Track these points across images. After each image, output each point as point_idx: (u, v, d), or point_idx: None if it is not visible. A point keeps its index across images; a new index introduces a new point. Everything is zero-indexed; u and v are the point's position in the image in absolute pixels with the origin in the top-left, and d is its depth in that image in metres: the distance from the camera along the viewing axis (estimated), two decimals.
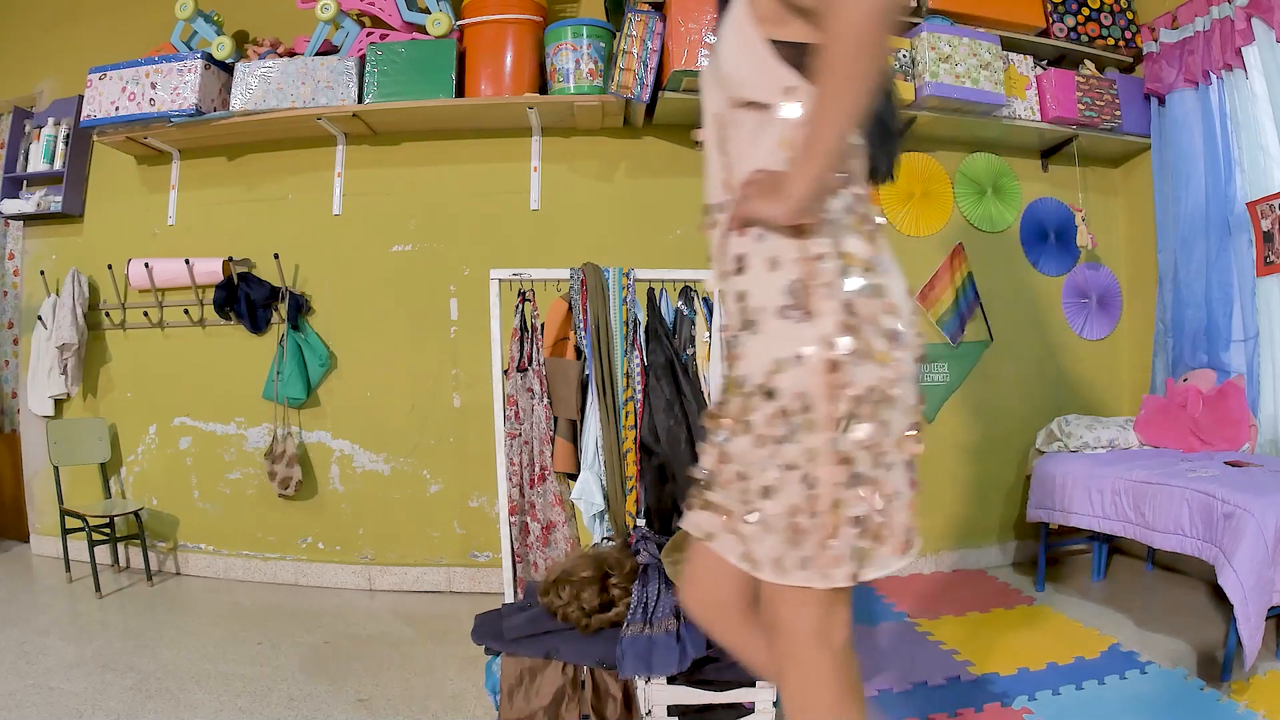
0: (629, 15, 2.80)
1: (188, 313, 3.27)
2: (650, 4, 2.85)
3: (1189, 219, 3.05)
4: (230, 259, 3.22)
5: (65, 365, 3.29)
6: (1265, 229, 2.78)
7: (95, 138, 3.28)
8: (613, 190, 3.19)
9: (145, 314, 3.33)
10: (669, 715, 1.72)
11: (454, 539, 3.13)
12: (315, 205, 3.24)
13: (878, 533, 0.97)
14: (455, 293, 3.16)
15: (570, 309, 2.17)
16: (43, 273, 3.40)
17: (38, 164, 3.41)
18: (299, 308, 3.18)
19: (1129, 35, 3.30)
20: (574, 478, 2.14)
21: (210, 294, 3.20)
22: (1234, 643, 2.02)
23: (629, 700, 1.73)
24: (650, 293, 2.20)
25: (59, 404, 3.43)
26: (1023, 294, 3.39)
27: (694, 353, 2.16)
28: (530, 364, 2.13)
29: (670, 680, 1.70)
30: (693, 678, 1.69)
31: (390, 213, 3.21)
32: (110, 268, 3.32)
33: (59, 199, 3.36)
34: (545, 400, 2.12)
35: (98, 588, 2.94)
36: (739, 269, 1.05)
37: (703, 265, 1.39)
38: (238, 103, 3.03)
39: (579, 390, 2.13)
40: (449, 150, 3.20)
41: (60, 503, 3.14)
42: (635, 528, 2.06)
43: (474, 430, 3.09)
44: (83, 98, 3.16)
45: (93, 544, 2.94)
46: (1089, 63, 3.30)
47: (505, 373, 2.15)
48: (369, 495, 3.18)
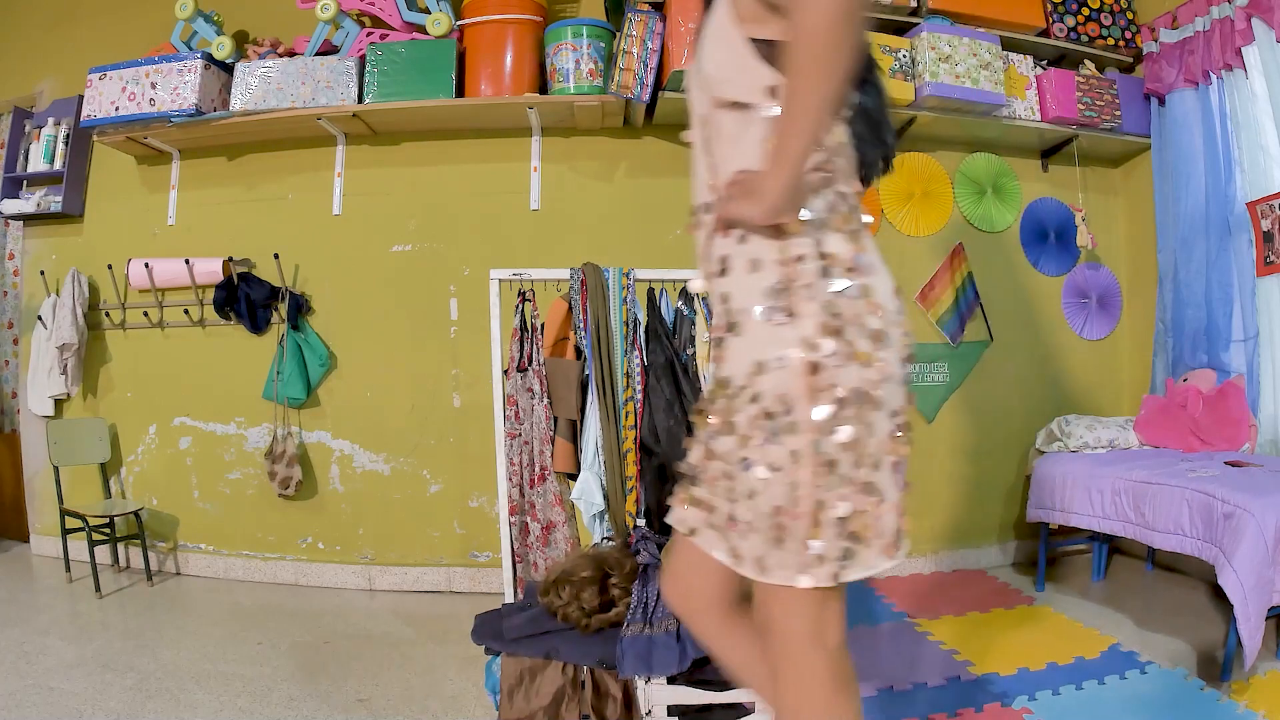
0: (629, 15, 2.80)
1: (188, 313, 3.27)
2: (650, 4, 2.85)
3: (1189, 219, 3.05)
4: (230, 259, 3.22)
5: (65, 365, 3.29)
6: (1265, 229, 2.78)
7: (95, 138, 3.28)
8: (613, 190, 3.19)
9: (145, 314, 3.33)
10: (669, 715, 1.72)
11: (454, 539, 3.14)
12: (315, 205, 3.24)
13: (861, 534, 0.97)
14: (455, 293, 3.17)
15: (570, 309, 2.17)
16: (43, 273, 3.40)
17: (38, 164, 3.41)
18: (299, 308, 3.18)
19: (1129, 35, 3.30)
20: (574, 478, 2.14)
21: (210, 294, 3.21)
22: (1234, 643, 2.02)
23: (629, 700, 1.73)
24: (650, 293, 2.20)
25: (59, 404, 3.43)
26: (1023, 294, 3.39)
27: (694, 353, 2.16)
28: (530, 364, 2.13)
29: (670, 680, 1.70)
30: (693, 678, 1.69)
31: (390, 213, 3.21)
32: (110, 268, 3.32)
33: (59, 199, 3.36)
34: (545, 400, 2.12)
35: (98, 588, 2.94)
36: (722, 270, 1.05)
37: None
38: (238, 103, 3.03)
39: (579, 390, 2.13)
40: (449, 150, 3.20)
41: (60, 503, 3.14)
42: (635, 528, 2.06)
43: (474, 430, 3.09)
44: (83, 98, 3.16)
45: (93, 544, 2.94)
46: (1089, 63, 3.30)
47: (505, 373, 2.15)
48: (369, 495, 3.18)
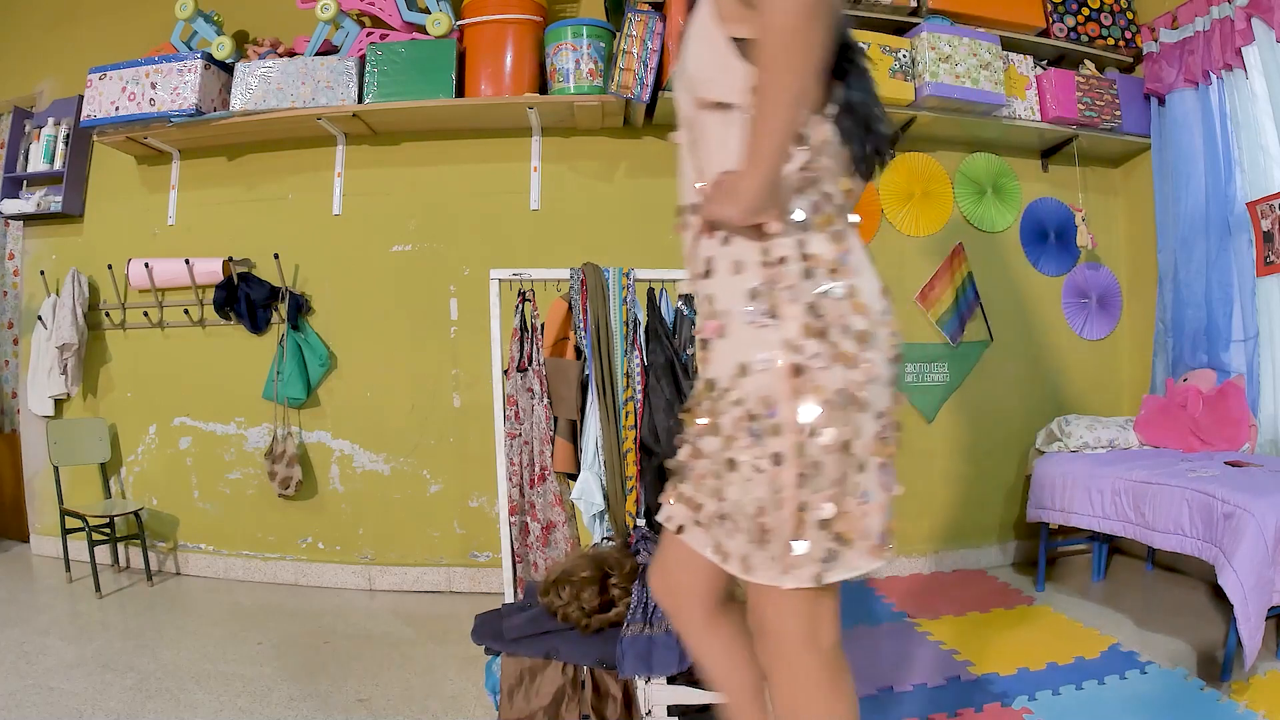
0: (629, 15, 2.80)
1: (188, 313, 3.27)
2: (650, 4, 2.85)
3: (1189, 219, 3.05)
4: (230, 259, 3.22)
5: (65, 365, 3.29)
6: (1265, 229, 2.78)
7: (95, 138, 3.28)
8: (613, 190, 3.19)
9: (145, 314, 3.33)
10: (669, 715, 1.72)
11: (454, 539, 3.13)
12: (315, 205, 3.24)
13: (846, 535, 0.96)
14: (455, 293, 3.17)
15: (570, 309, 2.17)
16: (43, 273, 3.40)
17: (38, 164, 3.41)
18: (299, 308, 3.18)
19: (1129, 35, 3.30)
20: (574, 478, 2.14)
21: (210, 294, 3.21)
22: (1234, 643, 2.02)
23: (629, 700, 1.73)
24: (650, 293, 2.20)
25: (59, 404, 3.43)
26: (1023, 294, 3.39)
27: (694, 353, 2.16)
28: (530, 364, 2.13)
29: (670, 680, 1.70)
30: (693, 678, 1.69)
31: (390, 213, 3.21)
32: (110, 268, 3.32)
33: (59, 199, 3.36)
34: (545, 400, 2.12)
35: (98, 588, 2.94)
36: (707, 272, 1.05)
37: None
38: (238, 103, 3.03)
39: (579, 390, 2.13)
40: (449, 150, 3.20)
41: (60, 503, 3.14)
42: (635, 528, 2.06)
43: (474, 430, 3.09)
44: (83, 98, 3.16)
45: (93, 544, 2.94)
46: (1089, 63, 3.30)
47: (505, 373, 2.15)
48: (369, 495, 3.18)
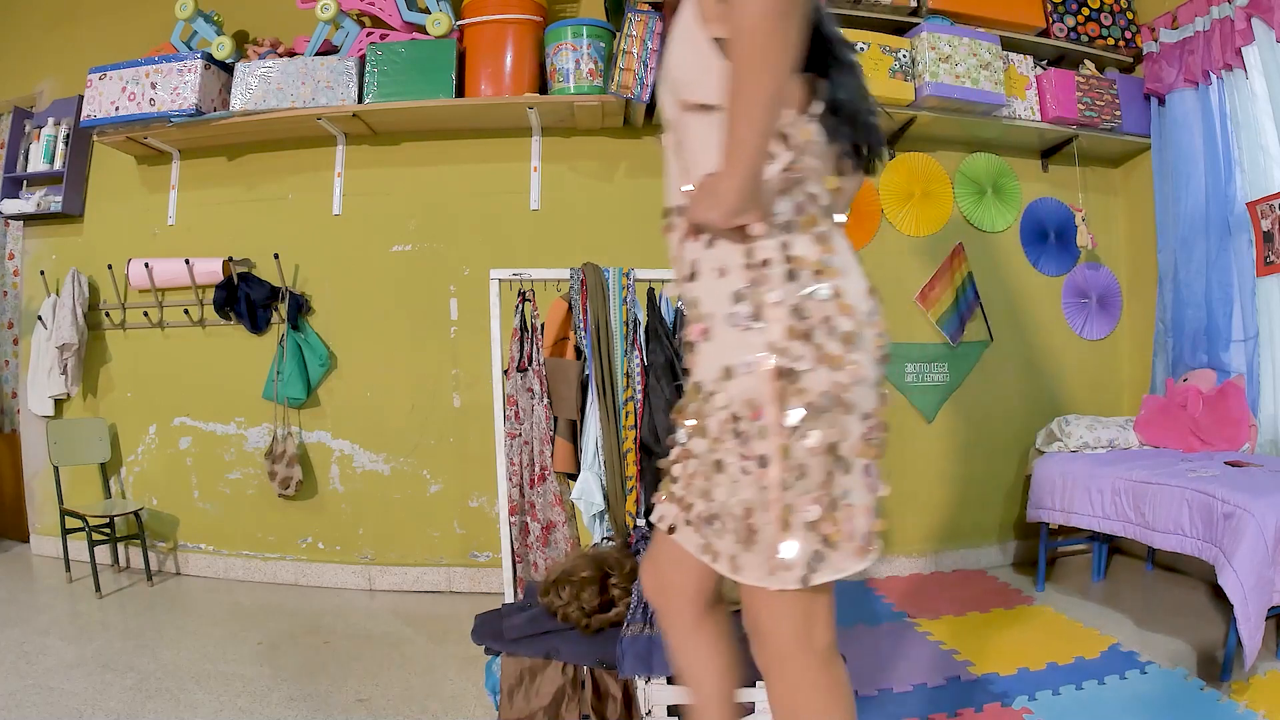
0: (629, 15, 2.80)
1: (188, 313, 3.27)
2: (650, 4, 2.85)
3: (1189, 219, 3.05)
4: (230, 259, 3.22)
5: (65, 365, 3.29)
6: (1265, 229, 2.78)
7: (95, 138, 3.28)
8: (613, 190, 3.19)
9: (145, 314, 3.33)
10: (669, 715, 1.72)
11: (454, 539, 3.13)
12: (315, 205, 3.24)
13: (832, 537, 0.96)
14: (455, 293, 3.16)
15: (570, 309, 2.17)
16: (43, 273, 3.40)
17: (38, 164, 3.41)
18: (299, 308, 3.18)
19: (1129, 35, 3.30)
20: (574, 478, 2.14)
21: (210, 294, 3.21)
22: (1234, 643, 2.02)
23: (629, 700, 1.73)
24: (650, 293, 2.20)
25: (59, 404, 3.43)
26: (1023, 294, 3.39)
27: None
28: (530, 364, 2.13)
29: (670, 680, 1.70)
30: None
31: (390, 213, 3.21)
32: (110, 268, 3.32)
33: (59, 199, 3.36)
34: (545, 400, 2.12)
35: (98, 588, 2.94)
36: (691, 275, 1.05)
37: None
38: (238, 103, 3.03)
39: (579, 390, 2.13)
40: (449, 150, 3.20)
41: (60, 503, 3.14)
42: (635, 528, 2.06)
43: (474, 430, 3.09)
44: (83, 98, 3.16)
45: (93, 544, 2.94)
46: (1089, 63, 3.30)
47: (505, 373, 2.15)
48: (369, 495, 3.18)
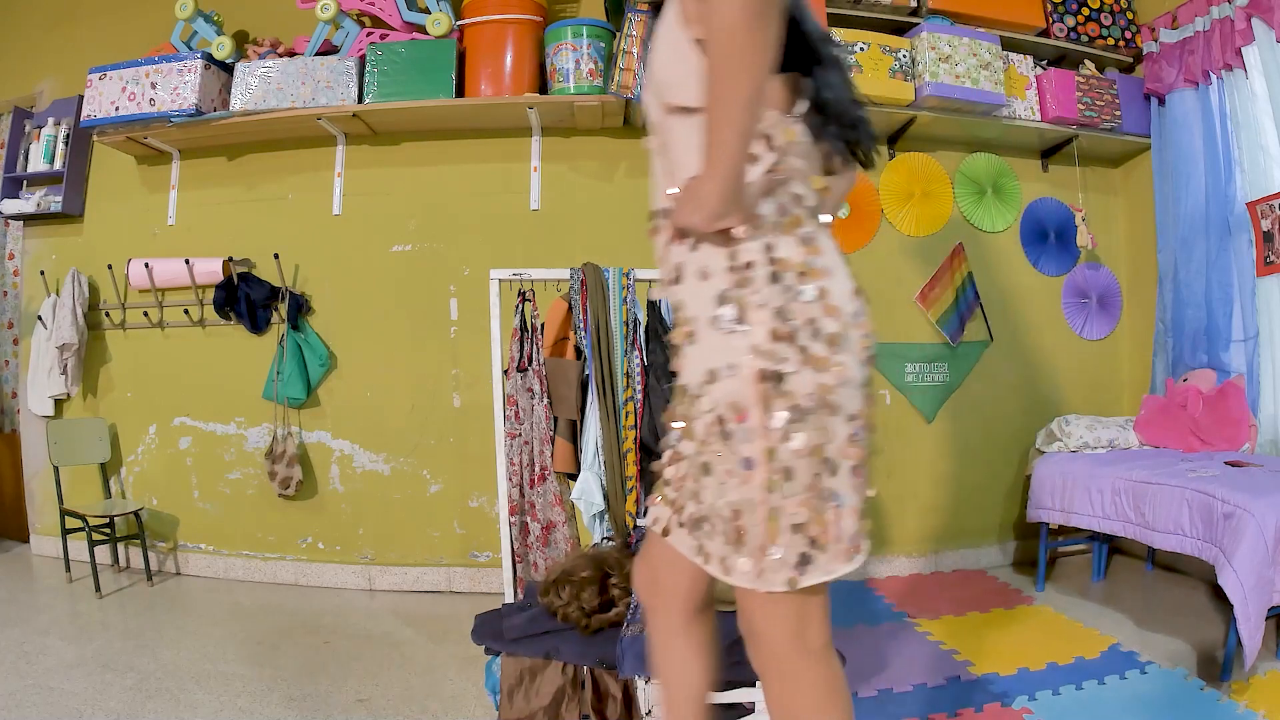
0: (629, 15, 2.80)
1: (188, 313, 3.27)
2: (650, 4, 2.84)
3: (1189, 219, 3.05)
4: (230, 259, 3.22)
5: (65, 365, 3.29)
6: (1265, 229, 2.78)
7: (95, 138, 3.28)
8: (613, 190, 3.19)
9: (145, 314, 3.33)
10: None
11: (454, 539, 3.13)
12: (315, 205, 3.24)
13: (819, 539, 0.96)
14: (455, 293, 3.16)
15: (570, 309, 2.17)
16: (43, 273, 3.40)
17: (38, 164, 3.41)
18: (299, 308, 3.18)
19: (1129, 35, 3.30)
20: (574, 478, 2.14)
21: (210, 294, 3.21)
22: (1234, 643, 2.02)
23: (629, 700, 1.73)
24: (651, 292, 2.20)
25: (59, 404, 3.43)
26: (1023, 294, 3.39)
27: None
28: (530, 364, 2.13)
29: None
30: None
31: (390, 213, 3.21)
32: (110, 268, 3.32)
33: (59, 199, 3.36)
34: (545, 400, 2.12)
35: (98, 588, 2.94)
36: (676, 278, 1.05)
37: None
38: (238, 103, 3.03)
39: (579, 390, 2.13)
40: (449, 150, 3.19)
41: (60, 503, 3.14)
42: (635, 528, 2.06)
43: (474, 430, 3.09)
44: (83, 98, 3.16)
45: (93, 544, 2.93)
46: (1089, 63, 3.30)
47: (505, 373, 2.15)
48: (369, 495, 3.18)
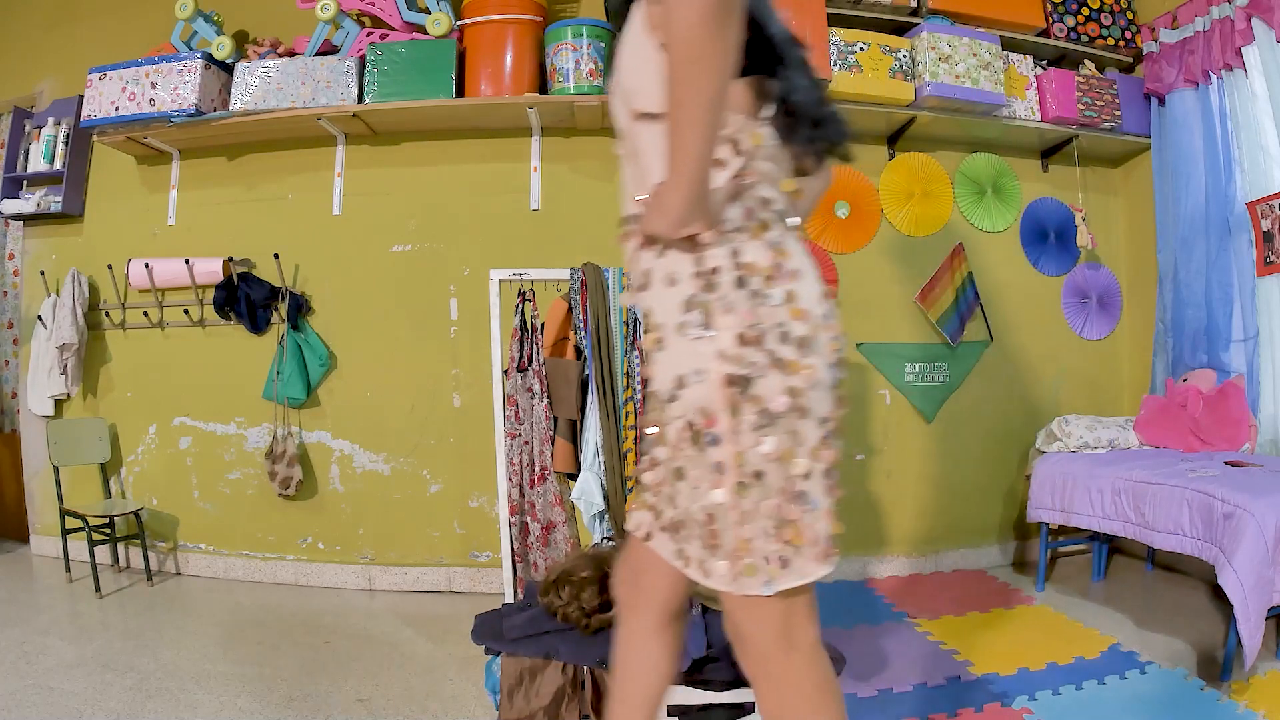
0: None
1: (188, 313, 3.27)
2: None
3: (1189, 219, 3.05)
4: (230, 259, 3.22)
5: (65, 365, 3.29)
6: (1265, 229, 2.78)
7: (95, 138, 3.28)
8: (613, 190, 3.19)
9: (145, 314, 3.33)
10: (669, 715, 1.72)
11: (454, 539, 3.13)
12: (315, 205, 3.24)
13: (793, 542, 0.96)
14: (455, 293, 3.17)
15: (570, 309, 2.17)
16: (43, 273, 3.40)
17: (38, 164, 3.41)
18: (299, 308, 3.18)
19: (1129, 35, 3.30)
20: (574, 478, 2.14)
21: (210, 294, 3.21)
22: (1234, 643, 2.02)
23: None
24: None
25: (59, 404, 3.43)
26: (1023, 294, 3.39)
27: None
28: (530, 364, 2.13)
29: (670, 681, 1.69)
30: (693, 678, 1.69)
31: (390, 213, 3.21)
32: (110, 268, 3.32)
33: (59, 199, 3.36)
34: (545, 400, 2.12)
35: (98, 588, 2.94)
36: (644, 285, 1.05)
37: None
38: (238, 103, 3.03)
39: (579, 390, 2.13)
40: (449, 150, 3.20)
41: (60, 503, 3.14)
42: None
43: (474, 430, 3.09)
44: (83, 98, 3.16)
45: (93, 544, 2.93)
46: (1089, 63, 3.30)
47: (505, 373, 2.16)
48: (369, 495, 3.18)
